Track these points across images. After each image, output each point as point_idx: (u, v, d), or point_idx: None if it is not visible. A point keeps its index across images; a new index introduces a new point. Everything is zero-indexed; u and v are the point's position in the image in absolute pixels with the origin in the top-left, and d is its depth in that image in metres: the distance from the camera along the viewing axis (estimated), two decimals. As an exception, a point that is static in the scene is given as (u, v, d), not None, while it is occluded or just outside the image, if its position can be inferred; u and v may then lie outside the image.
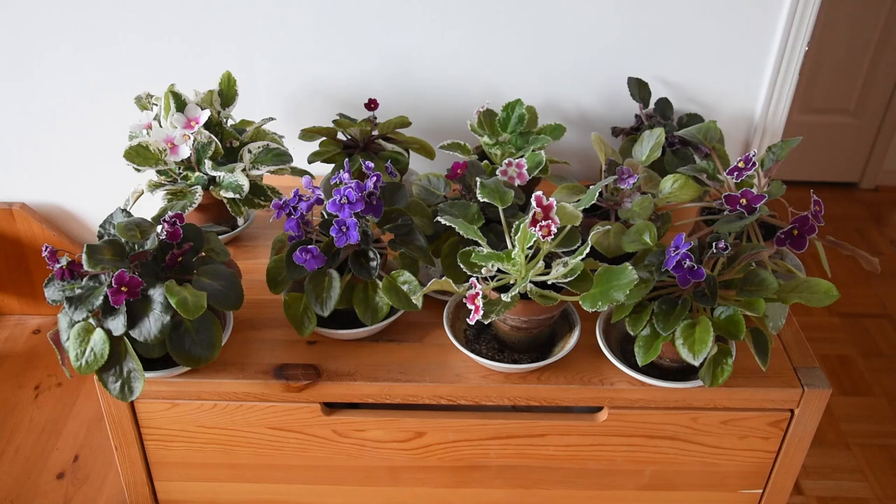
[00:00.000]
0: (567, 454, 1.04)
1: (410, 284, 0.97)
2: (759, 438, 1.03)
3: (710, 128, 1.13)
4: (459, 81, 1.35)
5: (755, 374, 1.00)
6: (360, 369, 0.99)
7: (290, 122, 1.36)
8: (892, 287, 2.82)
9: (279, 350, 1.02)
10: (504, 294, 0.88)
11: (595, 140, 1.12)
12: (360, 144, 1.22)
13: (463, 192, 1.06)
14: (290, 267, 0.95)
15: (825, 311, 2.65)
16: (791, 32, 1.27)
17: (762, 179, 1.05)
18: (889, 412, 2.31)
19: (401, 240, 0.99)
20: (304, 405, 0.99)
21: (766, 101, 1.35)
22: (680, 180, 1.05)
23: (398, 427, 1.02)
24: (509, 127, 1.18)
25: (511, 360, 0.98)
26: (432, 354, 1.02)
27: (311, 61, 1.33)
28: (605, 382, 0.98)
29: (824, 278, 0.92)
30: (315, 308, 0.95)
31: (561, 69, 1.33)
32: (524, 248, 0.88)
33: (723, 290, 0.92)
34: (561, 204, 0.88)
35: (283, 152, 1.13)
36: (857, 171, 3.34)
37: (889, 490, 2.09)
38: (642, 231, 0.96)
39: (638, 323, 0.91)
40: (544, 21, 1.28)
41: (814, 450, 2.15)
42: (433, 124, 1.39)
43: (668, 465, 1.06)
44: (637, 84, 1.30)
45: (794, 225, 0.97)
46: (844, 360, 2.49)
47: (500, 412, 1.02)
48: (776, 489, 1.09)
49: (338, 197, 0.94)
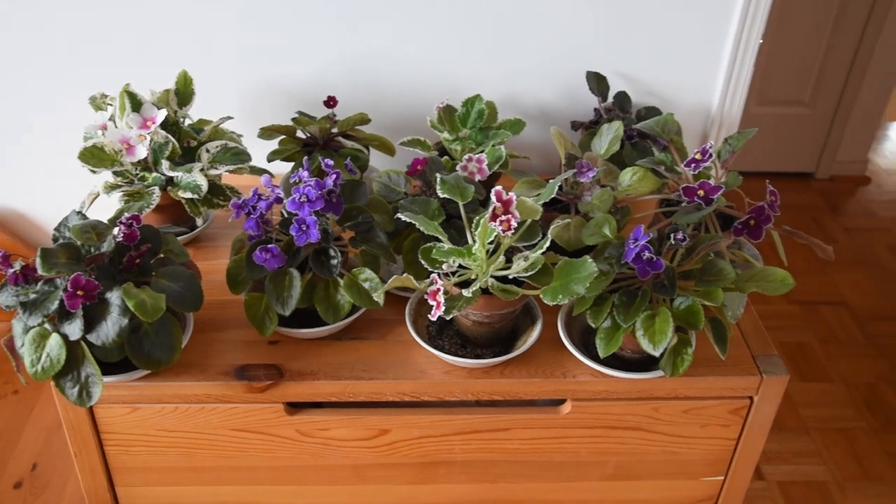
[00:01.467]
0: (531, 447, 1.04)
1: (372, 282, 0.96)
2: (719, 426, 1.04)
3: (668, 120, 1.14)
4: (419, 78, 1.34)
5: (715, 362, 1.01)
6: (322, 368, 0.98)
7: (248, 120, 1.35)
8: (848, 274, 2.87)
9: (241, 351, 1.01)
10: (465, 289, 0.87)
11: (554, 134, 1.12)
12: (319, 142, 1.21)
13: (423, 189, 1.06)
14: (250, 267, 0.94)
15: (783, 299, 2.69)
16: (745, 26, 1.29)
17: (719, 171, 1.06)
18: (846, 397, 2.35)
19: (361, 237, 0.99)
20: (266, 405, 0.98)
21: (722, 94, 1.36)
22: (639, 173, 1.05)
23: (362, 425, 1.01)
24: (469, 122, 1.18)
25: (474, 355, 0.98)
26: (395, 351, 1.01)
27: (269, 59, 1.31)
28: (568, 375, 0.98)
29: (781, 267, 0.93)
30: (276, 307, 0.94)
31: (520, 64, 1.33)
32: (485, 244, 0.87)
33: (682, 281, 0.92)
34: (521, 198, 0.88)
35: (242, 151, 1.12)
36: (812, 161, 3.39)
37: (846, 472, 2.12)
38: (602, 224, 0.96)
39: (599, 315, 0.91)
40: (503, 16, 1.28)
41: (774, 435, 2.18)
42: (393, 121, 1.38)
43: (631, 454, 1.06)
44: (595, 78, 1.31)
45: (750, 215, 0.98)
46: (802, 346, 2.53)
47: (463, 407, 1.02)
48: (737, 475, 1.10)
49: (297, 195, 0.94)
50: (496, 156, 1.10)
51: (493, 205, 0.85)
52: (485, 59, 1.32)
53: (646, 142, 1.23)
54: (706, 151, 1.01)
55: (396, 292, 1.08)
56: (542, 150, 1.41)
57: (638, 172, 1.05)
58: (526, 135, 1.38)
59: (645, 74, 1.34)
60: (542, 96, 1.36)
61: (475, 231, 0.89)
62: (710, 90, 1.36)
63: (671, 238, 0.91)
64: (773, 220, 0.99)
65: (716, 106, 1.37)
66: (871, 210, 3.23)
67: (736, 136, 1.05)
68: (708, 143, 1.03)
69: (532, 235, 0.92)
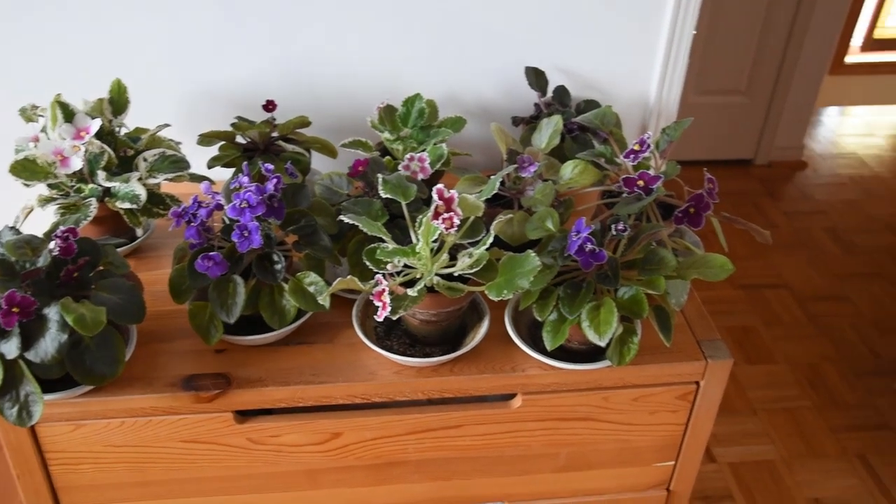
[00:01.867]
0: (484, 443, 1.04)
1: (317, 285, 0.95)
2: (668, 412, 1.05)
3: (607, 113, 1.15)
4: (358, 78, 1.33)
5: (661, 350, 1.02)
6: (271, 374, 0.97)
7: (187, 127, 1.32)
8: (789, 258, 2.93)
9: (187, 361, 0.99)
10: (411, 289, 0.87)
11: (495, 130, 1.12)
12: (260, 147, 1.19)
13: (366, 190, 1.05)
14: (192, 275, 0.93)
15: (728, 284, 2.74)
16: (679, 17, 1.30)
17: (658, 161, 1.08)
18: (790, 377, 2.41)
19: (305, 241, 0.98)
20: (215, 415, 0.97)
21: (659, 85, 1.37)
22: (580, 166, 1.06)
23: (314, 429, 1.00)
24: (410, 121, 1.17)
25: (423, 354, 0.97)
26: (344, 354, 1.00)
27: (205, 65, 1.29)
28: (517, 369, 0.98)
29: (722, 253, 0.94)
30: (221, 315, 0.93)
31: (459, 62, 1.33)
32: (428, 242, 0.87)
33: (625, 271, 0.93)
34: (462, 196, 0.88)
35: (181, 159, 1.10)
36: (751, 148, 3.46)
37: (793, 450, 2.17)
38: (545, 218, 0.97)
39: (545, 308, 0.92)
40: (440, 14, 1.28)
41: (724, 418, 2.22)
42: (334, 123, 1.37)
43: (583, 445, 1.07)
44: (534, 73, 1.31)
45: (690, 203, 1.00)
46: (748, 330, 2.58)
47: (415, 406, 1.01)
48: (687, 459, 1.12)
49: (238, 201, 0.92)
50: (438, 154, 1.10)
51: (435, 203, 0.84)
52: (424, 57, 1.32)
53: (586, 135, 1.24)
54: (644, 142, 1.02)
55: (343, 294, 1.07)
56: (483, 147, 1.42)
57: (579, 165, 1.06)
58: (467, 132, 1.38)
59: (583, 68, 1.35)
60: (483, 93, 1.37)
61: (419, 230, 0.89)
62: (648, 81, 1.38)
63: (613, 229, 0.92)
64: (712, 207, 1.00)
65: (653, 97, 1.39)
66: (808, 194, 3.31)
67: (673, 126, 1.06)
68: (646, 134, 1.04)
69: (476, 232, 0.92)
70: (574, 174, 1.05)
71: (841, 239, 3.02)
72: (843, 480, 2.06)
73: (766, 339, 2.52)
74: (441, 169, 1.12)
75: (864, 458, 2.13)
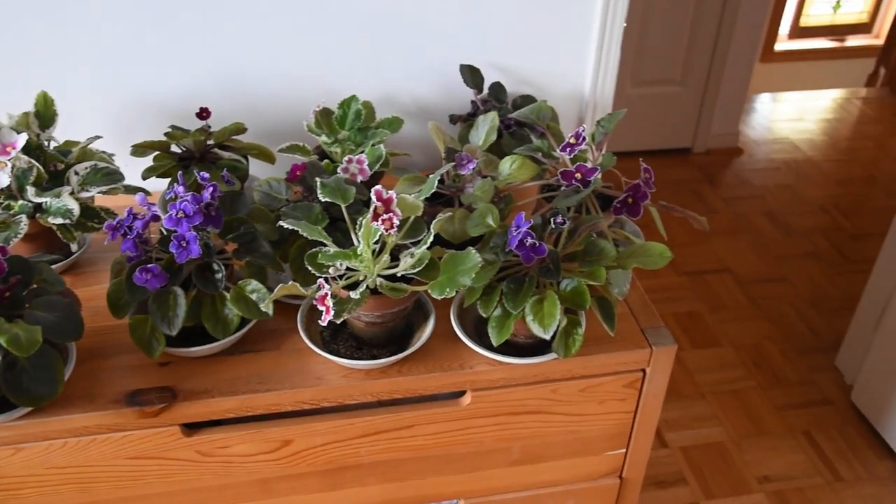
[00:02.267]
0: (436, 442, 1.04)
1: (259, 293, 0.94)
2: (616, 401, 1.07)
3: (542, 108, 1.16)
4: (293, 82, 1.32)
5: (606, 340, 1.03)
6: (217, 385, 0.96)
7: (119, 138, 1.29)
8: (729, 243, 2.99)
9: (130, 376, 0.97)
10: (353, 291, 0.86)
11: (432, 129, 1.12)
12: (196, 155, 1.17)
13: (305, 194, 1.04)
14: (130, 289, 0.91)
15: (672, 271, 2.79)
16: (609, 10, 1.32)
17: (595, 153, 1.09)
18: (735, 359, 2.46)
19: (245, 248, 0.96)
20: (162, 429, 0.95)
21: (593, 78, 1.39)
22: (517, 161, 1.06)
23: (264, 438, 0.99)
24: (347, 124, 1.16)
25: (370, 356, 0.97)
26: (291, 360, 0.99)
27: (134, 74, 1.27)
28: (465, 366, 0.98)
29: (662, 241, 0.95)
30: (162, 328, 0.91)
31: (394, 62, 1.33)
32: (369, 244, 0.87)
33: (566, 263, 0.94)
34: (401, 196, 0.87)
35: (114, 171, 1.07)
36: (688, 137, 3.52)
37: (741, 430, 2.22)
38: (485, 214, 0.97)
39: (489, 304, 0.92)
40: (373, 14, 1.27)
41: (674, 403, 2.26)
42: (271, 128, 1.35)
43: (535, 438, 1.08)
44: (469, 71, 1.32)
45: (627, 193, 1.01)
46: (693, 315, 2.62)
47: (365, 409, 1.01)
48: (638, 446, 1.13)
49: (174, 211, 0.91)
50: (376, 155, 1.09)
51: (374, 205, 0.84)
52: (358, 58, 1.31)
53: (523, 130, 1.24)
54: (580, 135, 1.03)
55: (287, 300, 1.06)
56: (422, 146, 1.41)
57: (517, 161, 1.06)
58: (405, 132, 1.37)
59: (517, 64, 1.36)
60: (419, 92, 1.36)
61: (359, 232, 0.88)
62: (582, 75, 1.39)
63: (552, 222, 0.92)
64: (649, 196, 1.01)
65: (588, 90, 1.40)
66: (745, 179, 3.38)
67: (607, 118, 1.07)
68: (581, 127, 1.05)
69: (417, 232, 0.92)
70: (512, 170, 1.06)
71: (778, 222, 3.09)
72: (789, 456, 2.11)
73: (710, 323, 2.57)
74: (380, 170, 1.12)
75: (808, 434, 2.18)
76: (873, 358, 2.14)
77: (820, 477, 2.06)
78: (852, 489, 2.03)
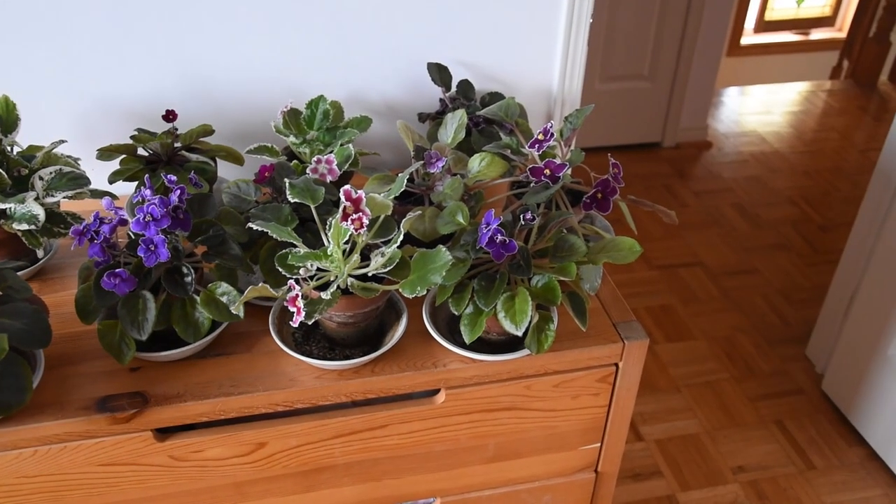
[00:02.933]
0: (411, 441, 1.04)
1: (229, 295, 0.94)
2: (590, 396, 1.07)
3: (510, 104, 1.17)
4: (260, 83, 1.31)
5: (578, 335, 1.04)
6: (189, 389, 0.95)
7: (84, 142, 1.28)
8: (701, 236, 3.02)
9: (100, 382, 0.96)
10: (325, 292, 0.86)
11: (401, 128, 1.12)
12: (163, 158, 1.17)
13: (274, 195, 1.04)
14: (99, 294, 0.90)
15: (645, 265, 2.81)
16: (575, 6, 1.33)
17: (564, 149, 1.09)
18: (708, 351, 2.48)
19: (214, 251, 0.96)
20: (134, 435, 0.94)
21: (561, 74, 1.40)
22: (487, 158, 1.07)
23: (238, 441, 0.98)
24: (315, 124, 1.16)
25: (343, 357, 0.97)
26: (263, 362, 0.99)
27: (98, 77, 1.25)
28: (439, 365, 0.99)
29: (632, 236, 0.96)
30: (132, 333, 0.91)
31: (362, 61, 1.33)
32: (339, 244, 0.87)
33: (537, 260, 0.95)
34: (370, 195, 0.87)
35: (80, 175, 1.06)
36: (658, 131, 3.55)
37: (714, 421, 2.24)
38: (455, 212, 0.97)
39: (461, 302, 0.92)
40: (340, 13, 1.27)
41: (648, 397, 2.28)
42: (238, 130, 1.35)
43: (510, 434, 1.08)
44: (437, 69, 1.32)
45: (597, 189, 1.02)
46: (666, 309, 2.65)
47: (339, 410, 1.01)
48: (613, 440, 1.14)
49: (141, 215, 0.90)
50: (345, 155, 1.09)
51: (343, 204, 0.84)
52: (326, 57, 1.31)
53: (492, 127, 1.25)
54: (548, 131, 1.04)
55: (259, 302, 1.06)
56: (391, 145, 1.42)
57: (486, 158, 1.07)
58: (374, 131, 1.37)
59: (485, 61, 1.37)
60: (387, 91, 1.36)
61: (329, 233, 0.88)
62: (549, 71, 1.40)
63: (522, 219, 0.93)
64: (618, 191, 1.02)
65: (556, 86, 1.41)
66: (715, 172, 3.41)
67: (575, 114, 1.08)
68: (549, 123, 1.05)
69: (387, 231, 0.92)
70: (482, 167, 1.06)
71: (748, 214, 3.13)
72: (763, 447, 2.14)
73: (683, 316, 2.59)
74: (350, 170, 1.12)
75: (780, 424, 2.21)
76: (842, 347, 2.17)
77: (793, 466, 2.09)
78: (824, 477, 2.06)
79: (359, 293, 0.88)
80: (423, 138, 1.13)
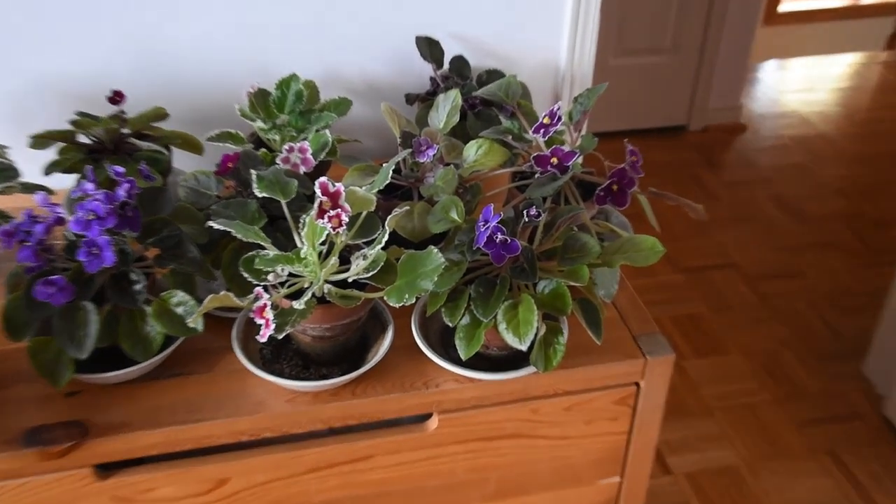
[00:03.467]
0: (399, 474, 1.05)
1: (186, 305, 0.94)
2: (607, 420, 1.08)
3: (511, 83, 1.17)
4: (223, 60, 1.32)
5: (592, 349, 1.04)
6: (137, 416, 0.95)
7: (15, 128, 1.28)
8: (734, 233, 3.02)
9: (30, 410, 0.96)
10: (298, 301, 0.87)
11: (386, 111, 1.13)
12: (108, 147, 1.17)
13: (239, 189, 1.05)
14: (31, 305, 0.90)
15: (669, 268, 2.82)
16: (587, -32, 1.33)
17: (573, 134, 1.10)
18: (746, 368, 2.48)
19: (169, 254, 0.96)
20: (69, 472, 0.94)
21: (569, 48, 1.40)
22: (484, 145, 1.07)
23: (195, 478, 0.98)
24: (286, 107, 1.17)
25: (319, 376, 0.97)
26: (225, 384, 0.99)
27: (30, 54, 1.26)
28: (430, 384, 0.99)
29: (652, 234, 0.96)
30: (70, 351, 0.91)
31: (340, 34, 1.33)
32: (315, 245, 0.87)
33: (543, 262, 0.95)
34: (350, 189, 0.88)
35: (8, 167, 1.07)
36: (683, 112, 3.55)
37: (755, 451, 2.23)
38: (448, 207, 0.97)
39: (455, 312, 0.92)
40: (311, -21, 1.27)
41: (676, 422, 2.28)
42: (197, 114, 1.35)
43: (514, 466, 1.08)
44: (427, 43, 1.32)
45: (612, 180, 1.02)
46: (695, 318, 2.65)
47: (314, 439, 1.01)
48: (635, 472, 1.14)
49: (82, 213, 0.90)
50: (321, 142, 1.10)
51: (319, 199, 0.84)
52: (298, 31, 1.31)
53: (490, 110, 1.25)
54: (555, 114, 1.04)
55: (220, 314, 1.06)
56: (374, 131, 1.42)
57: (483, 145, 1.07)
58: (354, 115, 1.37)
59: (482, 34, 1.37)
60: (370, 69, 1.37)
61: (303, 232, 0.88)
62: (556, 45, 1.40)
63: (525, 215, 0.93)
64: (637, 182, 1.03)
65: (564, 62, 1.41)
66: (750, 160, 3.42)
67: (586, 94, 1.08)
68: (556, 105, 1.06)
69: (370, 230, 0.92)
70: (479, 155, 1.06)
71: (789, 208, 3.13)
72: (813, 481, 2.14)
73: (715, 327, 2.60)
74: (326, 159, 1.12)
75: (834, 455, 2.21)
76: (904, 362, 2.17)
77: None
78: (887, 516, 2.06)
79: (337, 302, 0.88)
80: (410, 123, 1.14)
